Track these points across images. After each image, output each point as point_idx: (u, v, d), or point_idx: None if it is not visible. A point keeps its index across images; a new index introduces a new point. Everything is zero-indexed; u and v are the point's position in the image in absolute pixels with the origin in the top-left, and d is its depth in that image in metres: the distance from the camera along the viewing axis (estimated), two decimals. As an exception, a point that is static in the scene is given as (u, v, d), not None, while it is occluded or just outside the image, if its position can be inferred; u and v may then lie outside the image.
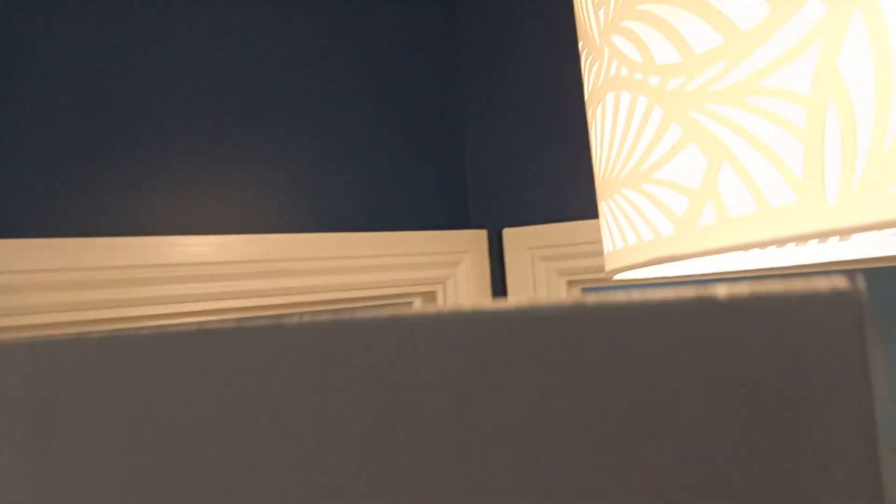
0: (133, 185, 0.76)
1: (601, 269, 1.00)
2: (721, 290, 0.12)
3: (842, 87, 0.24)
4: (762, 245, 0.27)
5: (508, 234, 1.04)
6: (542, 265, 1.03)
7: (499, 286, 1.06)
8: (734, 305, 0.12)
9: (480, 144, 1.07)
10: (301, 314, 0.15)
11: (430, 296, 1.05)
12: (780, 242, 0.26)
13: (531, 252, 1.03)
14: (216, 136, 0.83)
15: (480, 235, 1.05)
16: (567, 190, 1.01)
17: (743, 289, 0.12)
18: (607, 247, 0.40)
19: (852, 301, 0.11)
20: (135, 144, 0.76)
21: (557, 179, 1.02)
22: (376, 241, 0.97)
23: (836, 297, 0.11)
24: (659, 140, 0.32)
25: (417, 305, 1.07)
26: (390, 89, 1.00)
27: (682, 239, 0.31)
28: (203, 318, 0.89)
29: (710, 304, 0.12)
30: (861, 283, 0.11)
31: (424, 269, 1.02)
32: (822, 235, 0.25)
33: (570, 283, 1.04)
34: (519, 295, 1.04)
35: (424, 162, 1.03)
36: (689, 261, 0.33)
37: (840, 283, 0.11)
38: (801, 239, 0.25)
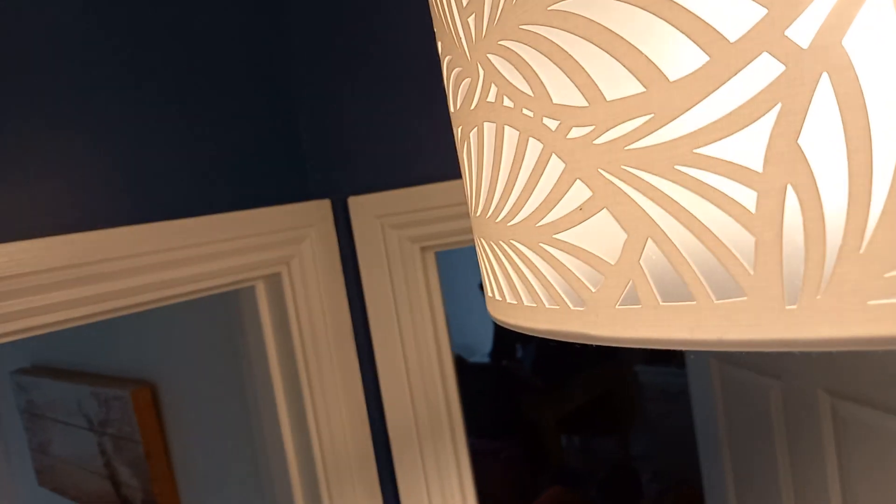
0: None
1: (455, 232, 0.96)
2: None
3: (805, 169, 0.19)
4: (705, 346, 0.22)
5: (354, 202, 0.96)
6: (393, 233, 0.96)
7: (349, 260, 0.98)
8: None
9: (315, 104, 0.96)
10: None
11: (273, 279, 0.95)
12: (726, 346, 0.21)
13: (380, 220, 0.96)
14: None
15: (324, 206, 0.96)
16: (414, 151, 0.94)
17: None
18: (490, 290, 0.35)
19: None
20: None
21: (403, 140, 0.94)
22: (205, 227, 0.85)
23: None
24: (560, 197, 0.26)
25: (261, 289, 0.97)
26: (203, 41, 0.86)
27: (596, 318, 0.25)
28: (-2, 343, 0.74)
29: None
30: None
31: (265, 251, 0.92)
32: (781, 346, 0.20)
33: (424, 250, 0.98)
34: (370, 265, 0.97)
35: (251, 128, 0.91)
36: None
37: None
38: (755, 347, 0.21)
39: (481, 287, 2.74)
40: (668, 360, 2.67)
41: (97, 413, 1.43)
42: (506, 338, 3.27)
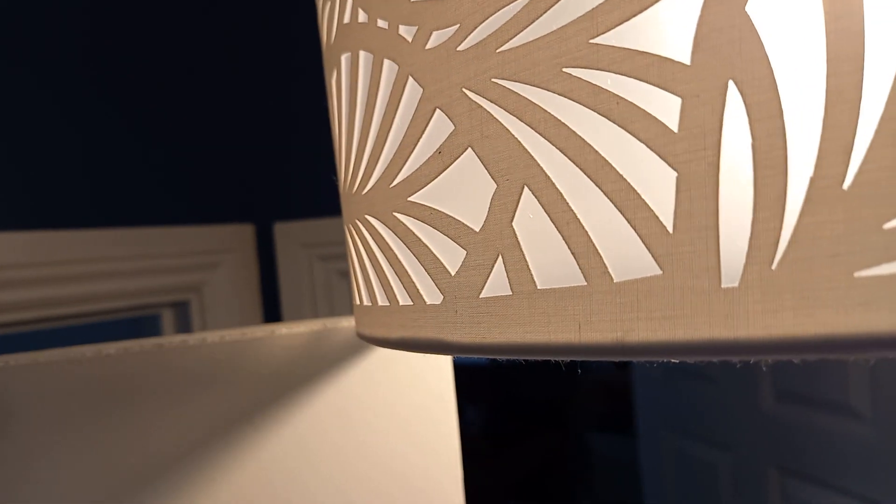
0: None
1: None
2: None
3: (757, 53, 0.12)
4: (600, 354, 0.14)
5: (281, 229, 0.88)
6: (320, 266, 0.88)
7: (270, 293, 0.89)
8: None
9: (241, 117, 0.89)
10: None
11: (181, 307, 0.85)
12: (632, 354, 0.14)
13: (308, 251, 0.88)
14: None
15: (245, 231, 0.87)
16: (349, 178, 0.87)
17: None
18: (355, 296, 0.26)
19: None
20: None
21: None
22: (106, 240, 0.76)
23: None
24: (416, 139, 0.18)
25: (168, 318, 0.87)
26: (117, 36, 0.78)
27: (455, 316, 0.17)
28: None
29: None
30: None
31: (173, 274, 0.82)
32: (711, 352, 0.12)
33: (354, 286, 0.90)
34: (293, 301, 0.88)
35: (167, 137, 0.83)
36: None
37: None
38: (673, 353, 0.13)
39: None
40: (624, 428, 2.58)
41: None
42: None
